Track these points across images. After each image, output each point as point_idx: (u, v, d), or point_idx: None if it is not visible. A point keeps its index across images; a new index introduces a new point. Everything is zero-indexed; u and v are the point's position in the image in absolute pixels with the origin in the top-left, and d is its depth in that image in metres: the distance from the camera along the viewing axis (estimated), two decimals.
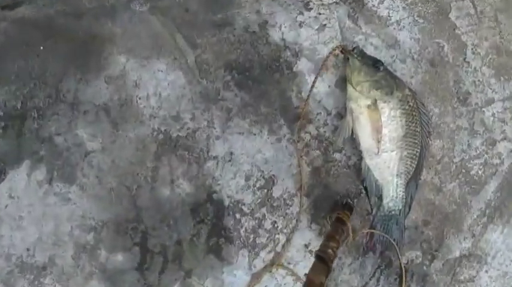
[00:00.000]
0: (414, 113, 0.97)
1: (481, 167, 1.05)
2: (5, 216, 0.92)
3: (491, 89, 1.07)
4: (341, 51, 0.99)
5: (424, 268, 1.00)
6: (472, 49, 1.08)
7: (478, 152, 1.05)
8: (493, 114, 1.06)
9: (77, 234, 0.93)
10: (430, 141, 1.01)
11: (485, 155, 1.05)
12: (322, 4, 1.04)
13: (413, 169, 0.97)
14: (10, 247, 0.91)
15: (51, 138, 0.94)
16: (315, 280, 0.80)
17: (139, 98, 0.97)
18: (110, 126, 0.96)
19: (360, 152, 0.97)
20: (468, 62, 1.07)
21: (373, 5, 1.06)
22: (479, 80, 1.07)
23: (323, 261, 0.83)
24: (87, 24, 0.98)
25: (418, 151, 0.98)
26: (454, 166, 1.04)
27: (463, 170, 1.04)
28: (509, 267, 1.02)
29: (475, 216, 1.03)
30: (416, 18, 1.07)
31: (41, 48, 0.97)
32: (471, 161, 1.04)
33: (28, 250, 0.91)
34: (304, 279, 0.93)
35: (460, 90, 1.06)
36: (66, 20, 0.98)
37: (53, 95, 0.95)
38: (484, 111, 1.06)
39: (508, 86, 1.08)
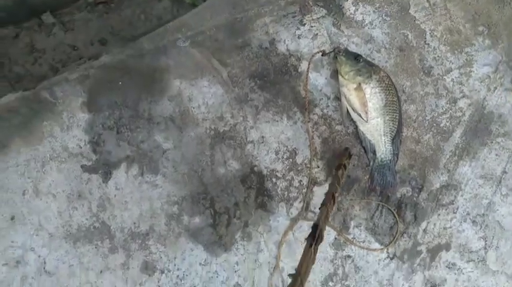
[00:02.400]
0: (390, 89, 1.24)
1: (447, 120, 1.31)
2: (116, 202, 1.25)
3: (448, 61, 1.33)
4: (322, 54, 1.26)
5: (414, 199, 1.27)
6: (430, 33, 1.34)
7: (444, 109, 1.31)
8: (452, 80, 1.32)
9: (166, 208, 1.23)
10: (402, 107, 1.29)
11: (450, 111, 1.31)
12: (313, 19, 1.32)
13: (396, 129, 1.24)
14: (122, 222, 1.23)
15: (138, 144, 1.25)
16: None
17: (193, 108, 1.27)
18: (177, 130, 1.26)
19: (355, 122, 1.27)
20: (428, 44, 1.33)
21: (351, 13, 1.33)
22: (438, 56, 1.33)
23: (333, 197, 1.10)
24: (149, 61, 1.28)
25: (397, 115, 1.24)
26: (426, 122, 1.30)
27: (434, 124, 1.30)
28: (478, 190, 1.28)
29: (448, 156, 1.29)
30: (385, 18, 1.33)
31: (120, 83, 1.27)
32: (439, 117, 1.31)
33: (134, 223, 1.22)
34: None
35: (425, 65, 1.33)
36: (135, 60, 1.28)
37: (134, 114, 1.25)
38: (445, 78, 1.32)
39: (461, 57, 1.34)
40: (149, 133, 1.26)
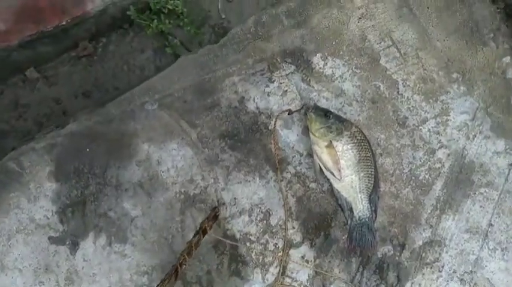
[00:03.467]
0: (363, 144, 1.17)
1: (426, 172, 1.22)
2: (83, 275, 1.16)
3: (423, 110, 1.25)
4: (288, 113, 1.20)
5: (396, 258, 1.17)
6: (402, 83, 1.27)
7: (422, 161, 1.23)
8: (429, 130, 1.24)
9: (135, 279, 1.14)
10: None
11: (428, 162, 1.23)
12: (281, 76, 1.26)
13: (372, 185, 1.15)
14: None
15: (106, 213, 1.17)
16: None
17: (163, 172, 1.20)
18: (145, 196, 1.19)
19: (329, 179, 1.20)
20: (401, 94, 1.27)
21: (320, 68, 1.27)
22: (412, 106, 1.26)
23: (176, 273, 1.02)
24: (116, 127, 1.22)
25: (373, 170, 1.16)
26: (404, 175, 1.22)
27: (413, 177, 1.21)
28: (464, 245, 1.18)
29: (429, 211, 1.19)
30: (355, 70, 1.27)
31: (88, 150, 1.21)
32: (418, 169, 1.22)
33: None
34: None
35: (399, 116, 1.26)
36: (102, 126, 1.22)
37: (101, 182, 1.18)
38: (421, 128, 1.24)
39: (437, 105, 1.27)
40: (117, 200, 1.20)
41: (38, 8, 1.39)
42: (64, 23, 1.40)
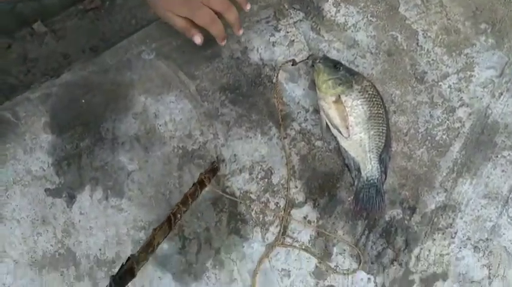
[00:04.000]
0: (374, 99, 1.07)
1: (444, 132, 1.11)
2: (80, 228, 1.13)
3: (444, 65, 1.13)
4: (292, 64, 1.09)
5: (405, 222, 1.08)
6: (423, 34, 1.15)
7: (440, 120, 1.12)
8: (449, 86, 1.12)
9: (132, 233, 1.10)
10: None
11: (447, 121, 1.12)
12: (289, 24, 1.16)
13: (383, 144, 1.06)
14: (87, 249, 1.11)
15: (102, 166, 1.12)
16: (154, 239, 0.91)
17: (160, 125, 1.13)
18: (142, 150, 1.13)
19: (336, 138, 1.11)
20: (421, 46, 1.14)
21: (331, 15, 1.16)
22: (433, 59, 1.14)
23: (169, 222, 0.93)
24: (112, 77, 1.15)
25: (384, 128, 1.06)
26: (420, 135, 1.11)
27: (429, 137, 1.11)
28: (480, 211, 1.08)
29: (445, 173, 1.08)
30: (370, 18, 1.15)
31: (83, 101, 1.15)
32: (435, 129, 1.11)
33: (100, 250, 1.10)
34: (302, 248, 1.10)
35: (417, 71, 1.14)
36: (97, 76, 1.15)
37: (97, 134, 1.13)
38: (440, 85, 1.12)
39: (460, 59, 1.14)
40: (113, 154, 1.14)
41: None
42: None
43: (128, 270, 0.80)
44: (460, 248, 1.08)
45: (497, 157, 1.10)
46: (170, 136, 1.14)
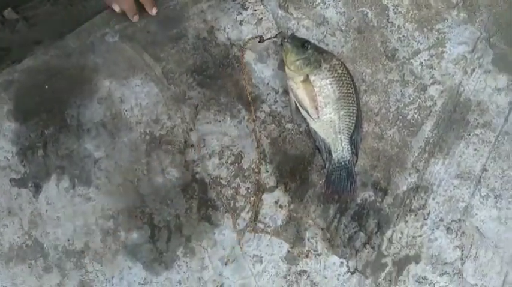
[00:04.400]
0: (344, 79, 1.03)
1: (416, 111, 1.08)
2: (47, 218, 1.10)
3: (416, 41, 1.09)
4: (259, 41, 1.06)
5: (377, 204, 1.06)
6: (393, 10, 1.10)
7: (412, 98, 1.08)
8: (421, 63, 1.08)
9: (100, 223, 1.07)
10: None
11: (419, 100, 1.09)
12: (256, 2, 1.11)
13: (354, 124, 1.03)
14: (55, 240, 1.08)
15: (68, 154, 1.08)
16: None
17: (126, 110, 1.09)
18: (108, 136, 1.08)
19: (306, 119, 1.09)
20: (392, 22, 1.10)
21: None
22: (403, 36, 1.10)
23: None
24: (75, 61, 1.10)
25: (355, 108, 1.03)
26: (391, 114, 1.07)
27: (400, 117, 1.08)
28: (453, 192, 1.06)
29: (417, 153, 1.06)
30: None
31: (46, 87, 1.10)
32: (406, 108, 1.08)
33: (68, 240, 1.07)
34: None
35: (388, 48, 1.10)
36: (60, 61, 1.11)
37: (62, 121, 1.08)
38: (412, 62, 1.08)
39: (432, 35, 1.10)
40: (79, 141, 1.09)
41: None
42: None
43: None
44: (433, 229, 1.06)
45: (469, 135, 1.07)
46: (137, 121, 1.10)
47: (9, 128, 1.11)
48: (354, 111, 1.03)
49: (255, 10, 1.10)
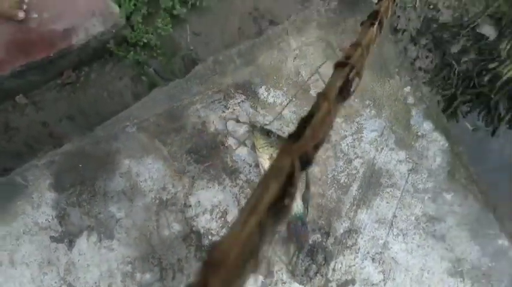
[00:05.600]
0: None
1: (346, 177, 1.56)
2: (79, 266, 1.43)
3: (343, 129, 1.58)
4: (236, 121, 1.49)
5: (323, 243, 1.49)
6: None
7: (342, 168, 1.56)
8: (347, 144, 1.57)
9: (121, 267, 1.42)
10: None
11: (347, 169, 1.56)
12: (235, 103, 1.57)
13: (305, 188, 1.52)
14: (85, 283, 1.40)
15: (96, 216, 1.46)
16: None
17: (141, 182, 1.48)
18: (127, 201, 1.48)
19: None
20: None
21: (264, 97, 1.58)
22: (335, 127, 1.62)
23: None
24: (103, 146, 1.49)
25: (306, 177, 1.51)
26: (329, 179, 1.55)
27: (335, 181, 1.55)
28: (375, 232, 1.50)
29: (348, 206, 1.52)
30: (291, 99, 1.62)
31: (80, 165, 1.52)
32: (339, 175, 1.55)
33: (95, 282, 1.39)
34: None
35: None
36: (91, 146, 1.49)
37: (92, 191, 1.46)
38: (341, 143, 1.57)
39: (353, 125, 1.60)
40: (105, 205, 1.46)
41: (29, 41, 1.54)
42: (51, 55, 1.55)
43: None
44: (363, 260, 1.48)
45: (383, 192, 1.53)
46: (149, 189, 1.47)
47: (50, 197, 1.44)
48: (305, 178, 1.46)
49: (234, 109, 1.54)
